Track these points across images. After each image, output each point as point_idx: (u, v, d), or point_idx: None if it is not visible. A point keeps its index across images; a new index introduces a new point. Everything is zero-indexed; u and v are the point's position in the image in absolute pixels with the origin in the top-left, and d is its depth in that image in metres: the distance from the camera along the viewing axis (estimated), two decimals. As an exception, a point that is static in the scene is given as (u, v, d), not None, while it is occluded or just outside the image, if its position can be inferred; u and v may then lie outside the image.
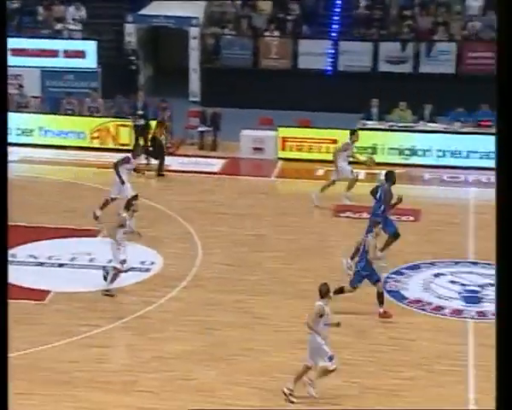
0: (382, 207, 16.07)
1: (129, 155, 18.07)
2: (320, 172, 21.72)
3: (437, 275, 15.71)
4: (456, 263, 16.22)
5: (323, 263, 16.06)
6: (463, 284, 15.26)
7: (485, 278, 15.52)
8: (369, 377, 12.09)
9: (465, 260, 16.28)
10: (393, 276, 15.64)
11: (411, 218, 18.50)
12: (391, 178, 16.49)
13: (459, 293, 14.94)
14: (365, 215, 18.58)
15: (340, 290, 13.83)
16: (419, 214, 18.67)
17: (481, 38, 25.34)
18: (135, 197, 15.37)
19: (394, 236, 15.95)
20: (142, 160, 21.88)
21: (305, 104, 23.85)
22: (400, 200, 16.20)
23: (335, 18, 26.99)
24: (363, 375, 12.18)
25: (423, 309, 14.37)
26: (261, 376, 12.10)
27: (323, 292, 11.64)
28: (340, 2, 27.17)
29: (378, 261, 14.28)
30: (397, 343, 13.08)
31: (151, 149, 21.40)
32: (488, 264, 16.02)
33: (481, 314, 14.19)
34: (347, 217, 18.59)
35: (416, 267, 16.01)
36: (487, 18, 25.70)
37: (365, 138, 22.31)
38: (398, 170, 21.55)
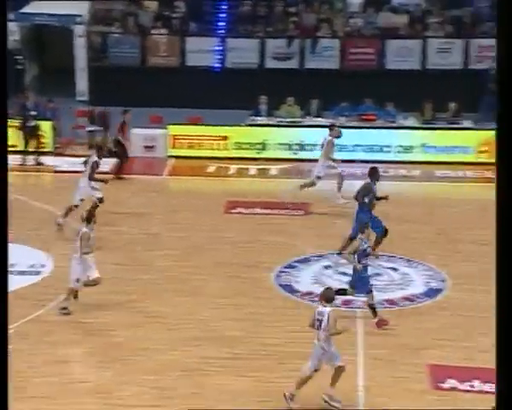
0: (367, 205, 16.01)
1: (95, 159, 17.79)
2: (211, 169, 21.89)
3: (327, 267, 16.04)
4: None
5: (215, 260, 16.20)
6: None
7: (372, 268, 15.90)
8: (265, 371, 12.27)
9: (354, 252, 16.65)
10: (285, 270, 15.90)
11: (301, 211, 18.84)
12: (375, 174, 16.44)
13: (348, 284, 15.27)
14: (258, 210, 18.87)
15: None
16: (309, 208, 19.02)
17: (363, 34, 25.96)
18: (96, 207, 15.54)
19: (383, 234, 16.02)
20: (31, 161, 21.59)
21: (195, 102, 23.96)
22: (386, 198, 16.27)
23: (221, 15, 27.18)
24: (258, 368, 12.35)
25: (314, 301, 14.64)
26: (156, 375, 12.15)
27: (330, 298, 11.48)
28: (225, -1, 27.39)
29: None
30: (290, 336, 13.30)
31: (115, 150, 21.15)
32: (375, 254, 16.45)
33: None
34: (239, 213, 18.78)
35: (306, 260, 16.31)
36: (367, 15, 26.36)
37: (254, 134, 22.61)
38: (287, 165, 22.05)
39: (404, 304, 14.58)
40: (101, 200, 17.14)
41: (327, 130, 19.47)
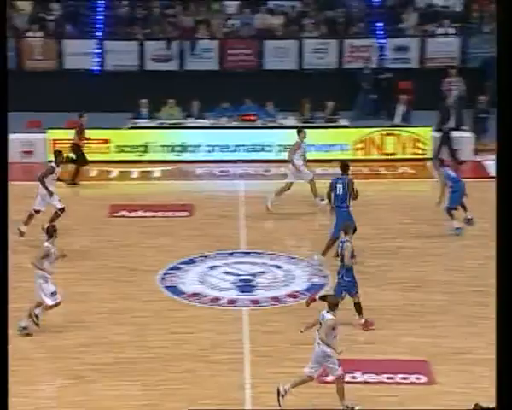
0: (347, 200, 15.95)
1: (52, 164, 17.57)
2: (93, 173, 21.73)
3: (212, 267, 16.19)
4: (230, 254, 16.79)
5: (100, 264, 16.14)
6: (237, 275, 15.84)
7: (257, 266, 16.21)
8: (150, 374, 12.33)
9: (238, 251, 16.88)
10: (170, 271, 15.98)
11: (186, 213, 18.94)
12: (347, 168, 16.46)
13: (233, 283, 15.50)
14: (141, 213, 18.84)
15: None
16: (193, 209, 19.14)
17: (240, 35, 26.24)
18: (57, 217, 15.47)
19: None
20: None
21: (75, 105, 23.68)
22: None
23: (98, 17, 26.96)
24: (144, 372, 12.40)
25: (200, 302, 14.80)
26: (40, 384, 12.02)
27: (333, 304, 11.47)
28: (102, 1, 27.16)
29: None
30: (176, 338, 13.41)
31: (74, 156, 20.81)
32: (259, 253, 16.76)
33: (255, 302, 14.83)
34: (122, 216, 18.73)
35: (191, 262, 16.42)
36: (244, 16, 26.66)
37: (136, 137, 22.58)
38: (170, 167, 22.10)
39: (289, 301, 14.89)
40: (62, 210, 17.18)
41: (208, 131, 19.60)
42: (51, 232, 13.65)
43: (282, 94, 23.21)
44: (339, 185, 16.10)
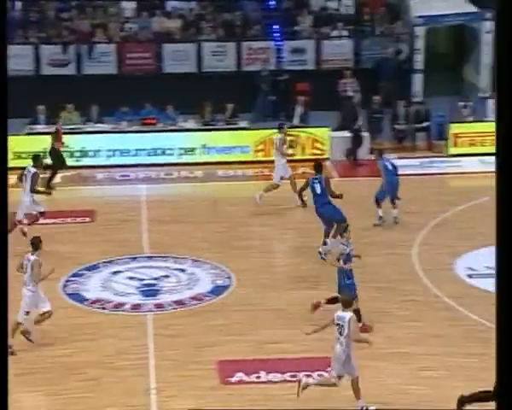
0: (327, 196, 16.25)
1: (36, 170, 17.27)
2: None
3: (115, 273, 16.12)
4: (133, 259, 16.74)
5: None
6: (141, 279, 15.81)
7: (160, 270, 16.22)
8: (53, 384, 12.20)
9: (141, 256, 16.85)
10: (73, 278, 15.83)
11: (87, 219, 18.78)
12: (321, 167, 16.76)
13: (137, 288, 15.46)
14: (41, 220, 18.58)
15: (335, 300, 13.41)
16: (94, 215, 18.98)
17: (139, 39, 26.14)
18: (36, 220, 15.73)
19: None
20: None
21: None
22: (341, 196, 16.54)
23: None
24: (47, 381, 12.27)
25: (104, 308, 14.72)
26: None
27: (348, 302, 11.37)
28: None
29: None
30: (79, 346, 13.30)
31: (51, 161, 20.41)
32: (162, 257, 16.77)
33: (159, 306, 14.84)
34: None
35: (94, 268, 16.31)
36: (142, 19, 26.58)
37: (34, 143, 22.22)
38: (70, 172, 21.85)
39: (193, 303, 14.95)
40: (42, 213, 17.16)
41: (108, 135, 19.47)
42: (37, 244, 13.33)
43: (181, 97, 23.24)
44: (316, 185, 16.45)
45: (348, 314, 11.21)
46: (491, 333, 13.12)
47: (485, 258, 16.32)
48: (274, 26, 26.56)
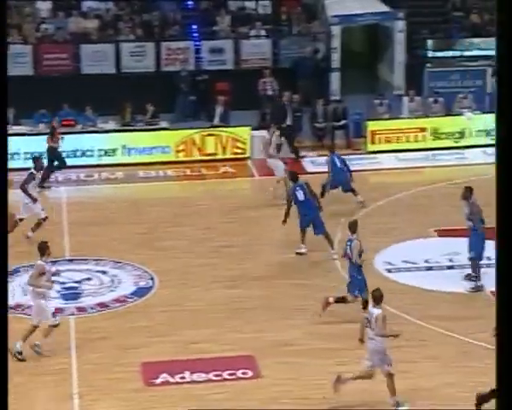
0: (316, 200, 16.62)
1: (32, 170, 17.23)
2: None
3: (36, 277, 15.93)
4: (55, 262, 16.55)
5: None
6: (62, 282, 15.65)
7: (82, 273, 16.11)
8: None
9: (63, 259, 16.70)
10: (-8, 284, 15.59)
11: (5, 223, 18.49)
12: (297, 176, 17.00)
13: (59, 291, 15.32)
14: None
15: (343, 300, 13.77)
16: (13, 218, 18.65)
17: (55, 39, 25.83)
18: (39, 225, 15.81)
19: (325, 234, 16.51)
20: None
21: None
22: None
23: None
24: None
25: (24, 313, 14.53)
26: None
27: (379, 298, 11.40)
28: None
29: None
30: None
31: (51, 160, 20.17)
32: (83, 259, 16.66)
33: (81, 309, 14.74)
34: None
35: (15, 272, 16.10)
36: (58, 20, 26.28)
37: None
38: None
39: (115, 306, 14.89)
40: (44, 219, 17.23)
41: (26, 138, 19.09)
42: (44, 249, 13.23)
43: (100, 98, 23.07)
44: (298, 192, 16.56)
45: (376, 311, 11.43)
46: (410, 326, 13.55)
47: (402, 253, 16.67)
48: (192, 27, 26.58)
